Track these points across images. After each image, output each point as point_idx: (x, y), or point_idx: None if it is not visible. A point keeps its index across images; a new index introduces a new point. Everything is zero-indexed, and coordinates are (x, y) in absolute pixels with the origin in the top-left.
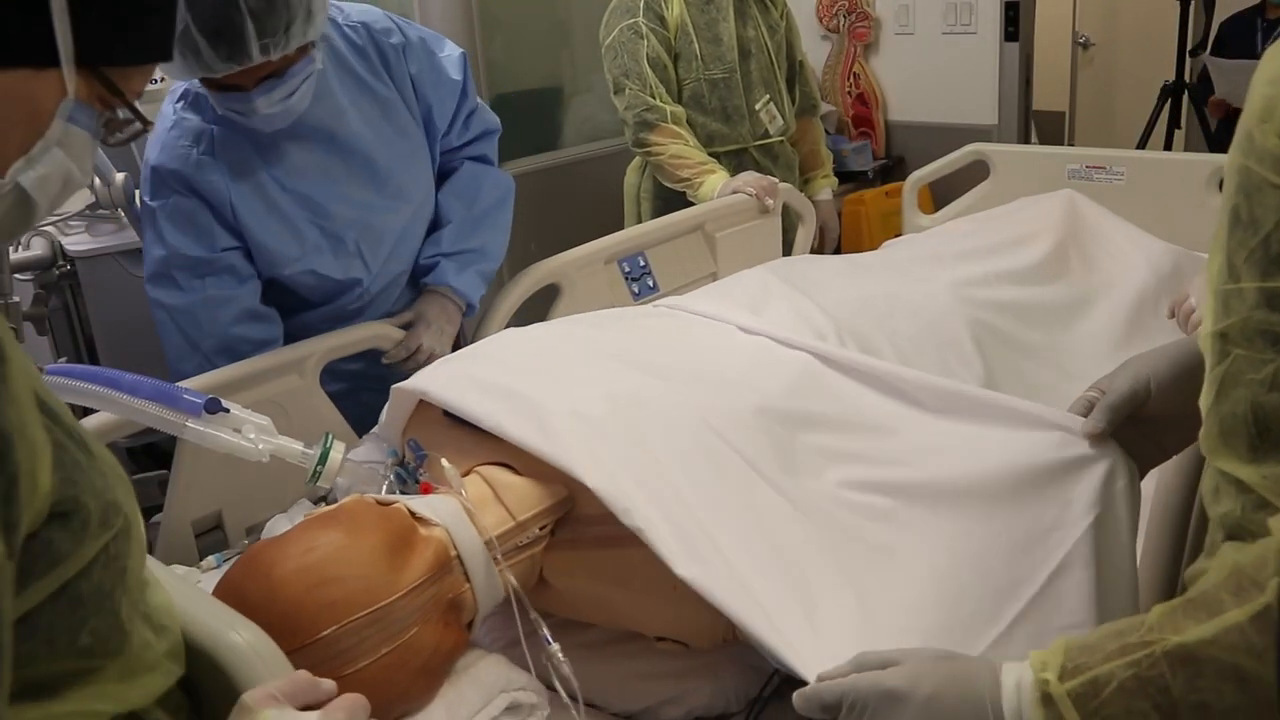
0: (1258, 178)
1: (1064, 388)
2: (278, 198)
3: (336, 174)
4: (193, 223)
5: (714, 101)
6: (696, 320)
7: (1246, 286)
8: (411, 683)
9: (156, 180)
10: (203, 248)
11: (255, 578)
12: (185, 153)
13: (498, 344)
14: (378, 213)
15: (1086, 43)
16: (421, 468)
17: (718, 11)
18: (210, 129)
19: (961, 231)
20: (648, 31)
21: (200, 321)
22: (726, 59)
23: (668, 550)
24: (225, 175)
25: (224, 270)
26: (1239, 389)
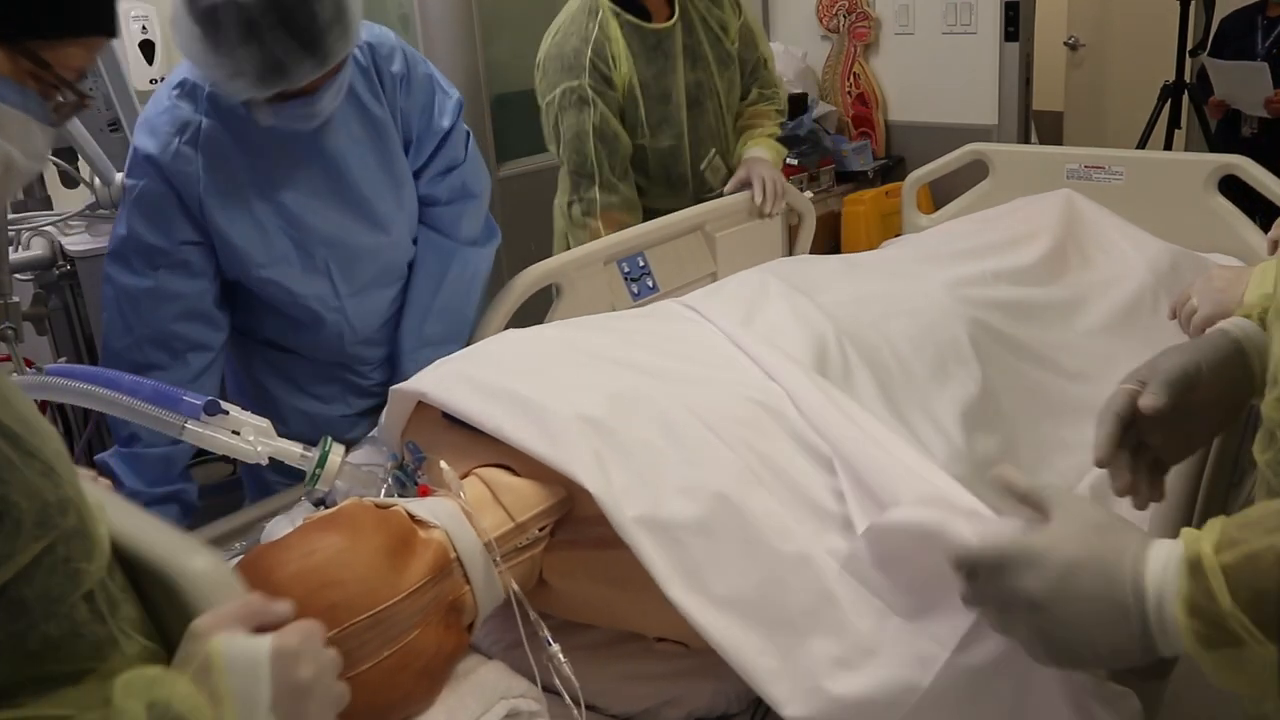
0: None
1: (1062, 387)
2: (252, 200)
3: (316, 187)
4: (158, 211)
5: (658, 170)
6: (693, 322)
7: None
8: (413, 685)
9: (134, 162)
10: (161, 237)
11: (255, 581)
12: (167, 140)
13: (497, 345)
14: (353, 234)
15: (1076, 44)
16: (420, 470)
17: (666, 60)
18: (199, 120)
19: (960, 231)
20: (594, 97)
21: (141, 310)
22: (674, 120)
23: (659, 566)
24: (201, 169)
25: (178, 265)
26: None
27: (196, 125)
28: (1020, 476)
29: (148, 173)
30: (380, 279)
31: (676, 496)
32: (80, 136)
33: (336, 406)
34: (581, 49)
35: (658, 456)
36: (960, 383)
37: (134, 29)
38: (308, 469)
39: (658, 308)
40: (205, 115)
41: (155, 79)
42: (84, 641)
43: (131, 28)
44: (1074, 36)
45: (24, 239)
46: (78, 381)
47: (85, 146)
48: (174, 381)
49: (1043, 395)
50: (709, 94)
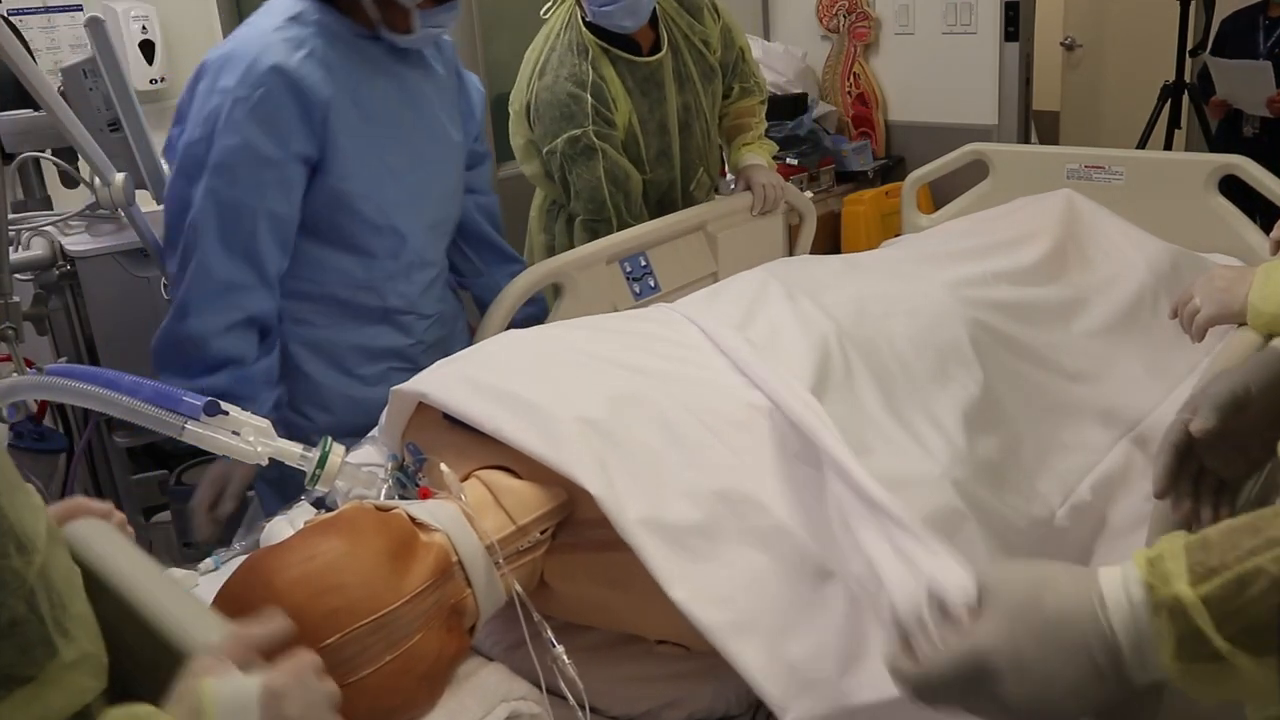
0: None
1: (1063, 387)
2: (361, 119)
3: (405, 123)
4: (276, 120)
5: (653, 197)
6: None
7: None
8: (415, 689)
9: (249, 74)
10: (277, 147)
11: (256, 586)
12: (289, 53)
13: (498, 346)
14: (430, 167)
15: (1072, 44)
16: (420, 471)
17: (659, 90)
18: (316, 43)
19: (960, 231)
20: (600, 146)
21: (243, 224)
22: (670, 151)
23: (662, 568)
24: (325, 78)
25: (282, 182)
26: None
27: (312, 47)
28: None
29: (269, 81)
30: (444, 222)
31: (678, 499)
32: (80, 136)
33: (382, 390)
34: (580, 94)
35: (659, 458)
36: (961, 383)
37: (134, 29)
38: (308, 469)
39: (658, 310)
40: (317, 38)
41: (155, 79)
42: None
43: (131, 28)
44: (1070, 37)
45: (24, 239)
46: (78, 381)
47: (85, 146)
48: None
49: (1043, 396)
50: (696, 115)
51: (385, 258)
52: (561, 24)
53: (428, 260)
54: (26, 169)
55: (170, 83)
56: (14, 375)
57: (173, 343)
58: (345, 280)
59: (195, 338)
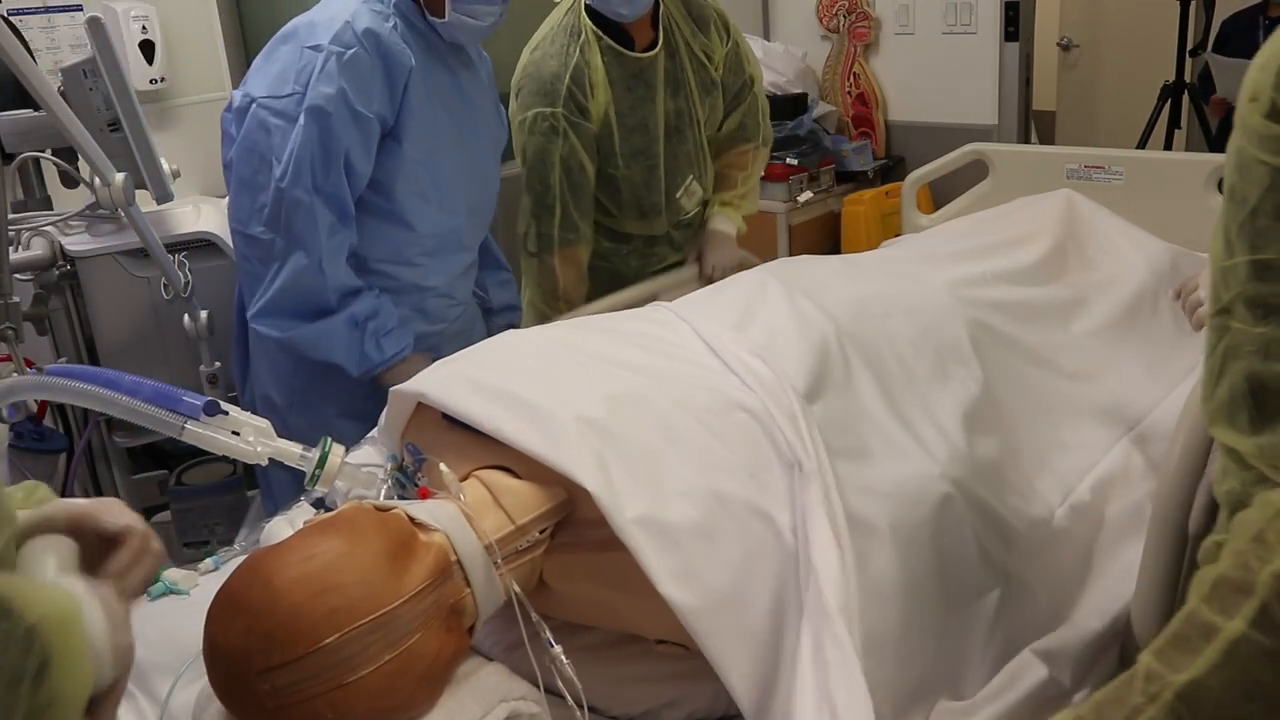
0: (1248, 155)
1: (1062, 387)
2: (428, 84)
3: (456, 109)
4: (364, 79)
5: (629, 198)
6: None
7: (1240, 261)
8: (414, 689)
9: (347, 32)
10: (364, 103)
11: (256, 586)
12: (380, 21)
13: (497, 346)
14: (475, 153)
15: (1069, 45)
16: (420, 471)
17: (647, 89)
18: (395, 19)
19: (960, 231)
20: (566, 127)
21: (331, 167)
22: (650, 151)
23: (655, 567)
24: (408, 49)
25: (365, 139)
26: (1239, 361)
27: (395, 21)
28: None
29: (363, 41)
30: (484, 208)
31: (677, 499)
32: (80, 136)
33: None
34: (560, 74)
35: (658, 458)
36: (961, 383)
37: (134, 29)
38: (307, 469)
39: (657, 310)
40: (397, 20)
41: (155, 79)
42: None
43: (131, 28)
44: (1066, 37)
45: (24, 239)
46: (78, 381)
47: (85, 146)
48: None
49: (1043, 396)
50: (689, 123)
51: (430, 233)
52: (568, 4)
53: (466, 244)
54: (26, 169)
55: (170, 83)
56: (14, 375)
57: (300, 286)
58: (389, 251)
59: (328, 277)
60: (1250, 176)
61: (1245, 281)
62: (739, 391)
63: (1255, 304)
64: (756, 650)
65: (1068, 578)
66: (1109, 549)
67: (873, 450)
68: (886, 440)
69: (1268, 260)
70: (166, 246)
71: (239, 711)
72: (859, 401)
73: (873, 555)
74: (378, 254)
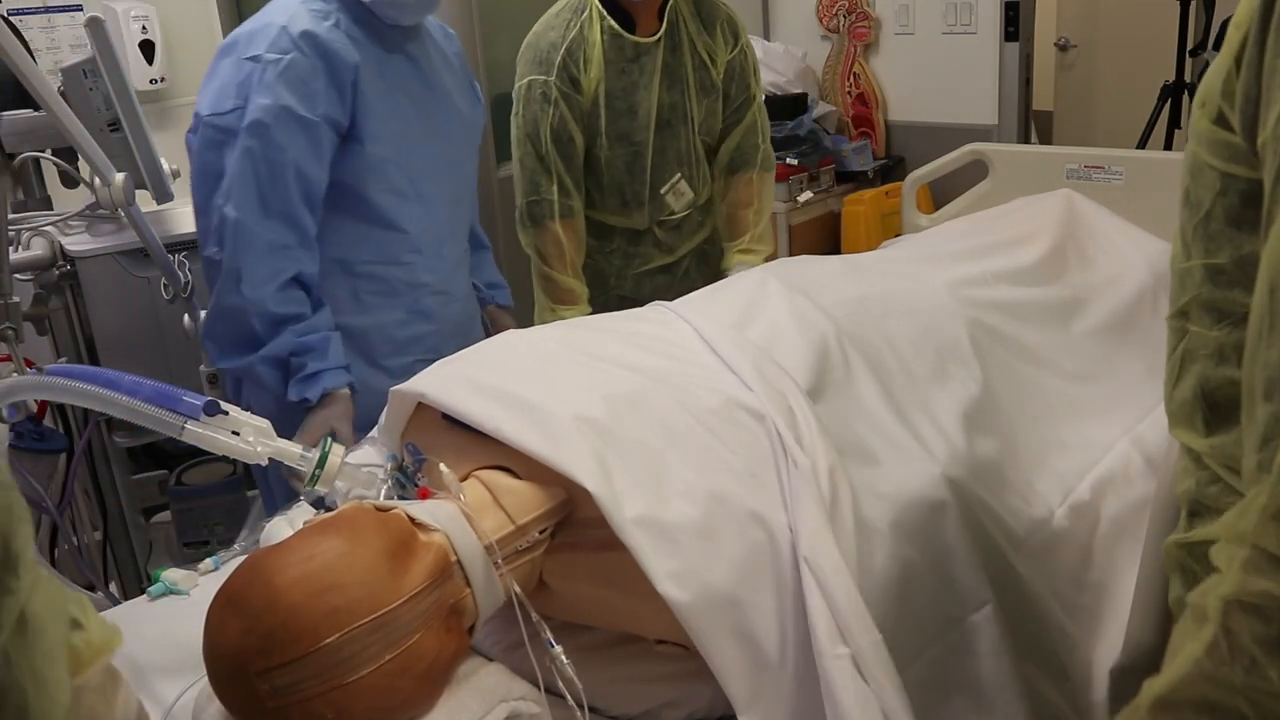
0: (1199, 160)
1: (1062, 387)
2: (386, 77)
3: (420, 97)
4: (305, 83)
5: (611, 184)
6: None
7: (1195, 264)
8: (414, 689)
9: (282, 37)
10: (308, 109)
11: (256, 585)
12: (317, 22)
13: (497, 346)
14: (447, 140)
15: (1066, 45)
16: (420, 471)
17: (640, 75)
18: (337, 15)
19: (960, 231)
20: (558, 97)
21: (279, 183)
22: (637, 137)
23: (654, 567)
24: (351, 45)
25: (314, 143)
26: (1196, 364)
27: (337, 19)
28: None
29: (300, 45)
30: (463, 196)
31: (677, 499)
32: (80, 136)
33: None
34: (557, 44)
35: (657, 458)
36: (961, 383)
37: (134, 29)
38: (307, 469)
39: (657, 310)
40: (340, 15)
41: (155, 79)
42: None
43: (131, 28)
44: (1064, 37)
45: (24, 239)
46: (78, 381)
47: (85, 146)
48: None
49: (1042, 396)
50: (683, 118)
51: (415, 230)
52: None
53: (454, 234)
54: (26, 169)
55: (170, 83)
56: (14, 375)
57: (227, 314)
58: (376, 253)
59: (250, 303)
60: (1202, 181)
61: (1200, 285)
62: (739, 391)
63: (1210, 308)
64: (754, 651)
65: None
66: (1108, 549)
67: (872, 450)
68: (886, 440)
69: (1220, 265)
70: (166, 246)
71: (238, 711)
72: (859, 401)
73: (872, 555)
74: (365, 256)
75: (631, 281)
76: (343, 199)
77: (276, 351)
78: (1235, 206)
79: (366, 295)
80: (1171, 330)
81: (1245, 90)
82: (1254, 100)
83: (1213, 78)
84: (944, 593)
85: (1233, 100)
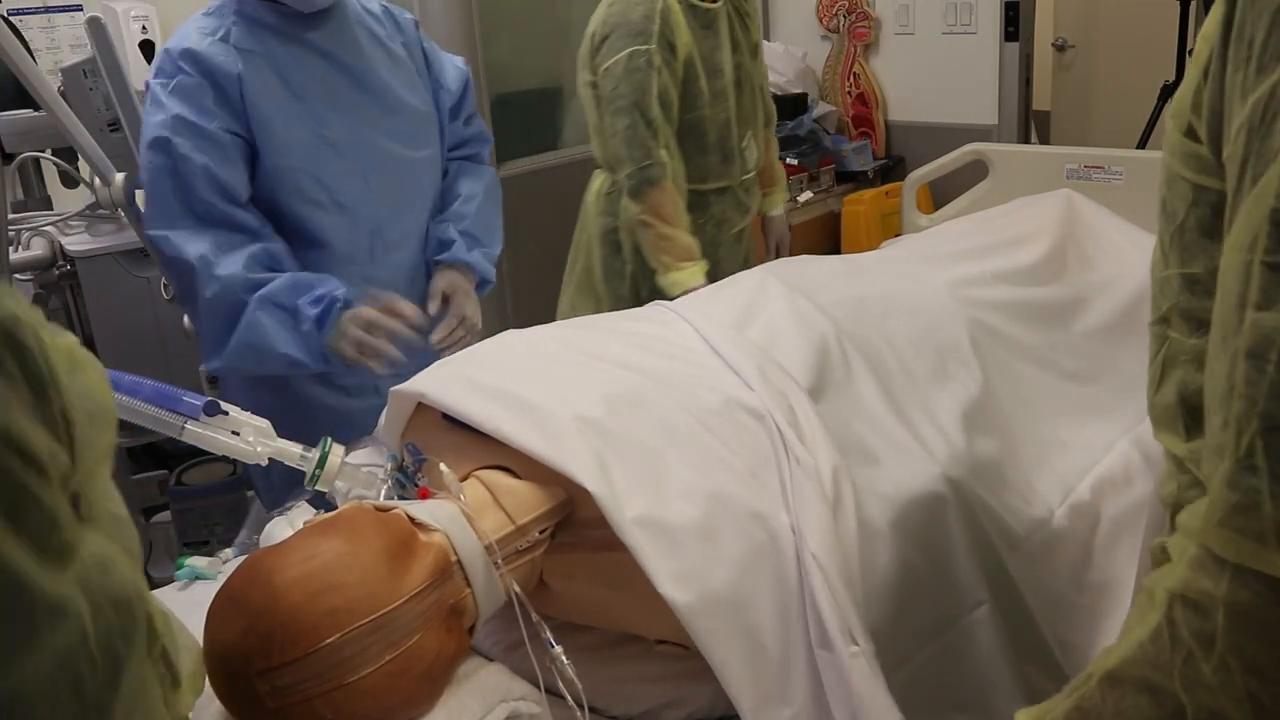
0: (1173, 170)
1: (1062, 387)
2: (288, 96)
3: (343, 96)
4: (195, 99)
5: (715, 142)
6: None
7: (1173, 273)
8: (414, 689)
9: (167, 61)
10: (203, 118)
11: (256, 586)
12: (200, 38)
13: (496, 346)
14: (383, 143)
15: (1064, 45)
16: (420, 471)
17: (717, 38)
18: (229, 26)
19: (960, 231)
20: (661, 64)
21: (195, 188)
22: (727, 94)
23: (655, 566)
24: (236, 56)
25: (219, 146)
26: (1177, 370)
27: (227, 29)
28: None
29: (182, 67)
30: (411, 197)
31: (677, 499)
32: (80, 136)
33: (367, 400)
34: (650, 15)
35: (657, 458)
36: (961, 383)
37: (134, 29)
38: (307, 469)
39: (657, 309)
40: (234, 25)
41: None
42: None
43: (131, 28)
44: (1062, 38)
45: (24, 239)
46: None
47: (85, 146)
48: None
49: (1043, 396)
50: (747, 78)
51: (340, 242)
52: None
53: (392, 240)
54: (26, 169)
55: None
56: None
57: (212, 307)
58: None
59: (225, 280)
60: (1176, 192)
61: (1179, 293)
62: (739, 391)
63: (1188, 316)
64: (756, 651)
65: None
66: (1108, 549)
67: (872, 450)
68: (886, 440)
69: (1195, 274)
70: None
71: (238, 712)
72: (859, 401)
73: (875, 555)
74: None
75: (718, 249)
76: (270, 221)
77: (269, 292)
78: (1207, 217)
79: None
80: (1153, 336)
81: (1211, 103)
82: (1218, 113)
83: (1184, 90)
84: (942, 592)
85: (1200, 113)
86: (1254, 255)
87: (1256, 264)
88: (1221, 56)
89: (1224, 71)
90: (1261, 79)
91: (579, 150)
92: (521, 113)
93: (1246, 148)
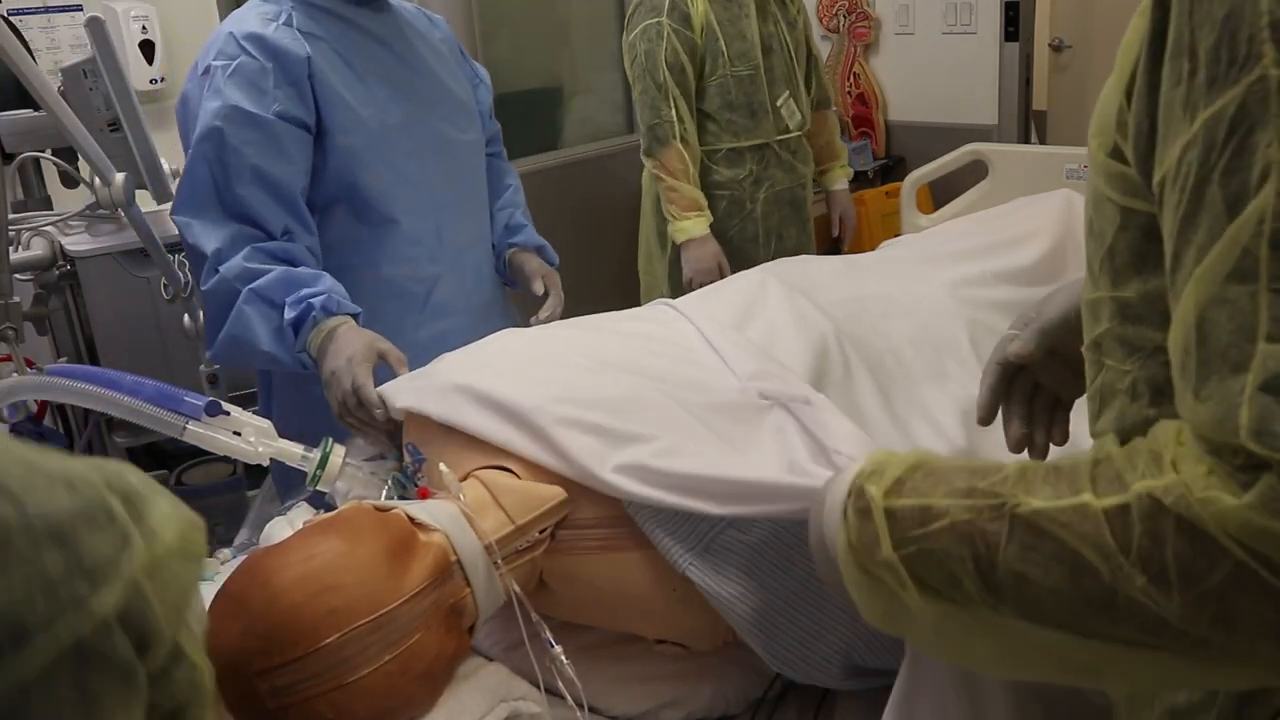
0: (1100, 192)
1: None
2: (352, 64)
3: (400, 79)
4: (256, 84)
5: (740, 98)
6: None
7: (1103, 295)
8: (414, 690)
9: (230, 43)
10: (261, 107)
11: (255, 586)
12: (264, 23)
13: (494, 346)
14: (437, 121)
15: (1060, 45)
16: (420, 471)
17: (740, 9)
18: (289, 12)
19: (960, 231)
20: (669, 32)
21: (234, 184)
22: (751, 56)
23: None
24: (301, 40)
25: (273, 139)
26: (1115, 399)
27: (288, 14)
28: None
29: (245, 47)
30: (468, 178)
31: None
32: (80, 136)
33: None
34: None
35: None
36: (960, 383)
37: (134, 29)
38: (309, 470)
39: (656, 309)
40: (293, 10)
41: (155, 79)
42: None
43: (131, 28)
44: (1058, 38)
45: (24, 239)
46: (78, 381)
47: (85, 146)
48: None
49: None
50: (780, 44)
51: (409, 221)
52: None
53: (456, 222)
54: (26, 169)
55: (170, 83)
56: (14, 375)
57: (212, 299)
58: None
59: (226, 270)
60: (1104, 214)
61: (1110, 318)
62: (739, 391)
63: (1122, 341)
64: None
65: None
66: None
67: None
68: (885, 440)
69: (1128, 299)
70: (166, 246)
71: (238, 712)
72: (857, 401)
73: None
74: (366, 257)
75: (763, 207)
76: (336, 208)
77: (259, 286)
78: (1138, 241)
79: (385, 297)
80: (1089, 363)
81: (1137, 123)
82: (1146, 133)
83: (1105, 106)
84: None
85: (1126, 132)
86: (1258, 285)
87: (1263, 292)
88: (1151, 71)
89: (1151, 89)
90: (1217, 93)
91: (579, 150)
92: (522, 112)
93: (1203, 168)
